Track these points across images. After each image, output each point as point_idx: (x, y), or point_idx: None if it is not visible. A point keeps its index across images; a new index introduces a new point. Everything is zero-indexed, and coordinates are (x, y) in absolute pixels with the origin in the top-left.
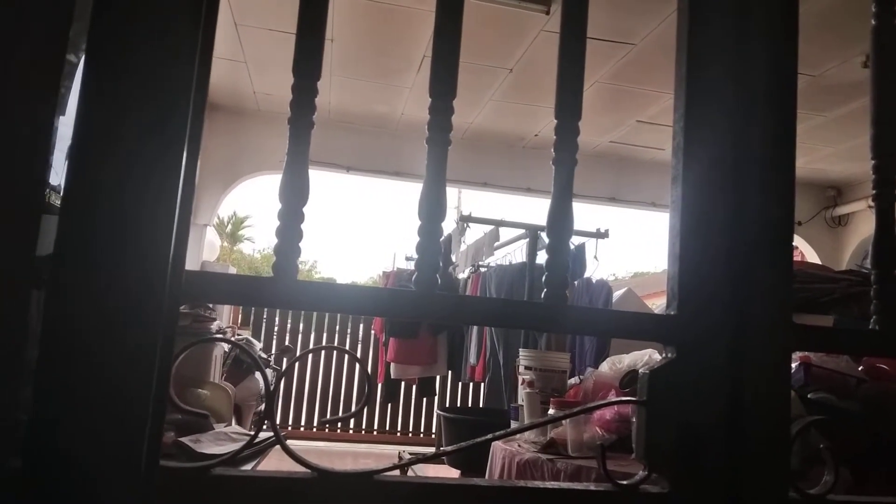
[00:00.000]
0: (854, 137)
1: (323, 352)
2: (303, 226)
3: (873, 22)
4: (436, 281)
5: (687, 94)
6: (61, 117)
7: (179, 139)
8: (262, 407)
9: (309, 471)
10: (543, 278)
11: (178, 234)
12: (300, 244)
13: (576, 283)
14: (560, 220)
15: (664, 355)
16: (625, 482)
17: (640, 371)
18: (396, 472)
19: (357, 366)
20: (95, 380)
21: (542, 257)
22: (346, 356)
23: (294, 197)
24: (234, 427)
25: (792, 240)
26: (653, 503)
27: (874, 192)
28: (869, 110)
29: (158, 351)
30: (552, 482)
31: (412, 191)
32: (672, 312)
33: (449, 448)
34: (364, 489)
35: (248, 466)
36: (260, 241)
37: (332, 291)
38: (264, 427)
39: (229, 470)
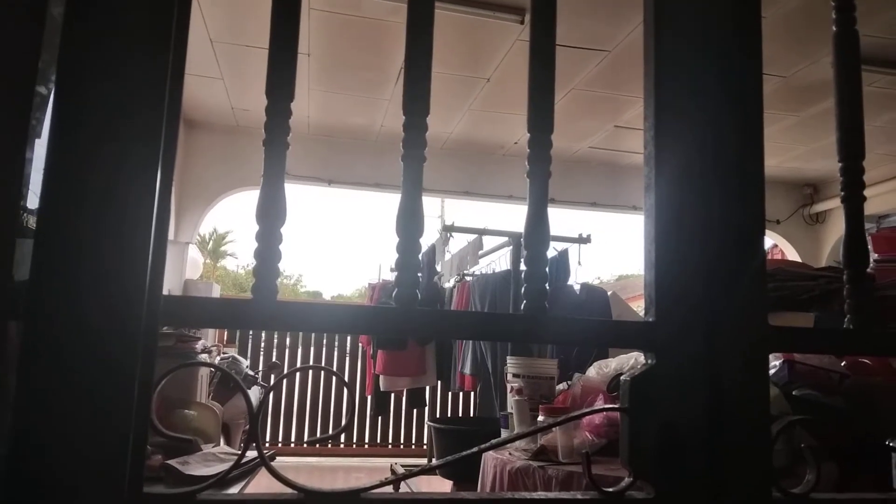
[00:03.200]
0: (827, 135)
1: (310, 373)
2: (282, 245)
3: (834, 28)
4: (416, 297)
5: (656, 104)
6: (37, 139)
7: (153, 164)
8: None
9: (295, 492)
10: (522, 289)
11: (154, 258)
12: (279, 265)
13: (577, 287)
14: (537, 231)
15: (644, 361)
16: (610, 489)
17: (621, 378)
18: (387, 489)
19: (346, 376)
20: (73, 407)
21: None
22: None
23: (271, 218)
24: (223, 447)
25: (763, 243)
26: None
27: (842, 193)
28: (834, 114)
29: (137, 376)
30: (539, 493)
31: (394, 202)
32: (650, 319)
33: (436, 462)
34: None
35: (237, 487)
36: (243, 256)
37: (313, 311)
38: (252, 447)
39: (215, 494)
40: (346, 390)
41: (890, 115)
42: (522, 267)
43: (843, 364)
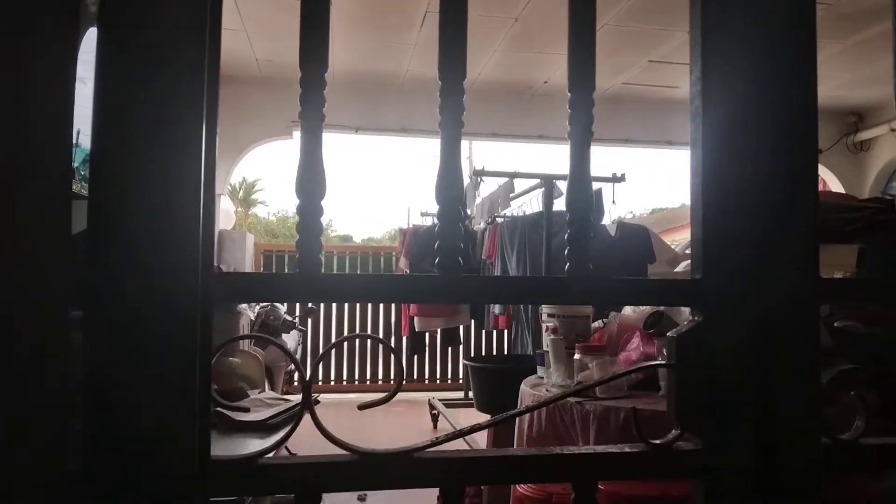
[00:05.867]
0: (873, 62)
1: (346, 305)
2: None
3: None
4: (459, 264)
5: (703, 55)
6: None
7: (198, 126)
8: (292, 367)
9: (349, 453)
10: (566, 252)
11: (205, 235)
12: (321, 238)
13: (612, 226)
14: (580, 194)
15: (691, 318)
16: (657, 441)
17: (668, 335)
18: (437, 447)
19: (382, 319)
20: (143, 384)
21: (558, 205)
22: (372, 309)
23: (312, 192)
24: (268, 393)
25: (816, 198)
26: (686, 459)
27: None
28: (891, 36)
29: (198, 348)
30: (588, 447)
31: (422, 145)
32: (697, 276)
33: (484, 423)
34: (404, 467)
35: (283, 431)
36: (273, 203)
37: (358, 282)
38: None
39: (273, 459)
40: (381, 329)
41: None
42: (556, 207)
43: None
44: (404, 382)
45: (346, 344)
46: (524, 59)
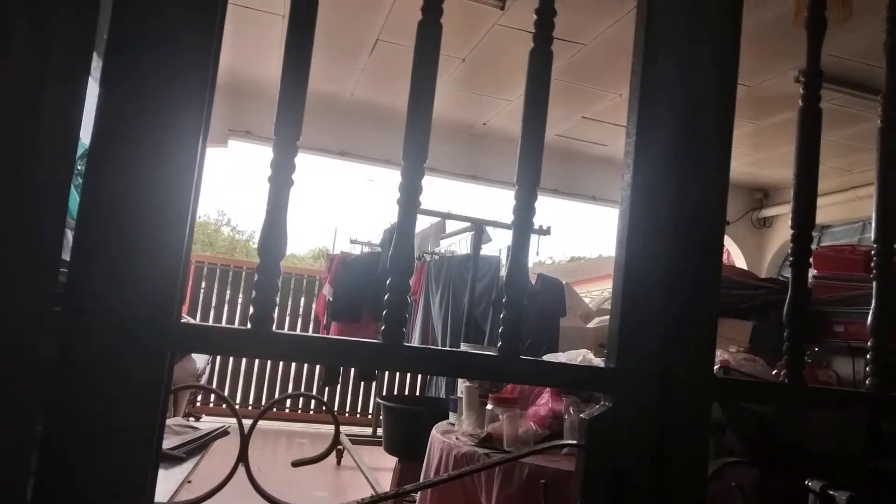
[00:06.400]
0: (783, 145)
1: None
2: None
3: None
4: (402, 335)
5: (634, 165)
6: None
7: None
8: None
9: None
10: (500, 330)
11: (182, 279)
12: (276, 297)
13: (533, 276)
14: (518, 277)
15: (602, 403)
16: None
17: (580, 416)
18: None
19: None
20: (104, 426)
21: (485, 249)
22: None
23: (274, 253)
24: (176, 419)
25: (716, 316)
26: None
27: (791, 258)
28: (793, 181)
29: (163, 391)
30: None
31: (356, 169)
32: (611, 365)
33: (408, 487)
34: None
35: (194, 460)
36: None
37: (309, 343)
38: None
39: None
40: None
41: (845, 132)
42: (483, 251)
43: (774, 373)
44: (311, 412)
45: (255, 370)
46: (467, 100)
